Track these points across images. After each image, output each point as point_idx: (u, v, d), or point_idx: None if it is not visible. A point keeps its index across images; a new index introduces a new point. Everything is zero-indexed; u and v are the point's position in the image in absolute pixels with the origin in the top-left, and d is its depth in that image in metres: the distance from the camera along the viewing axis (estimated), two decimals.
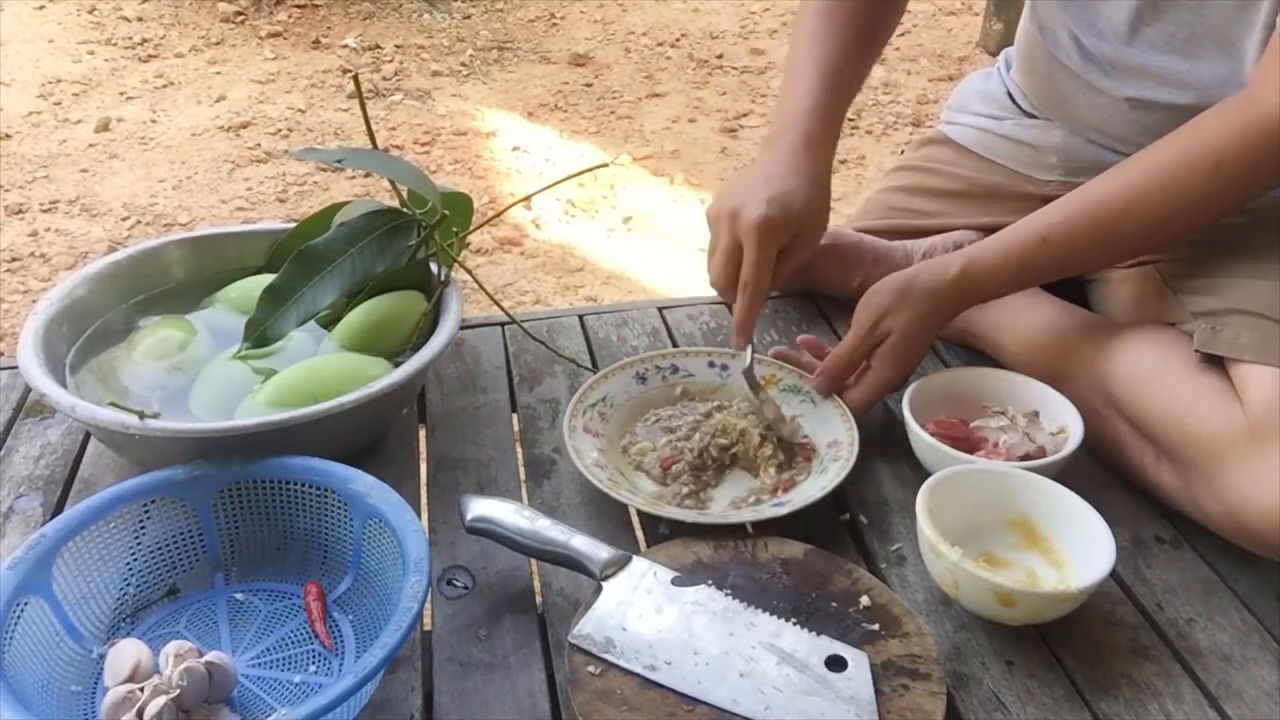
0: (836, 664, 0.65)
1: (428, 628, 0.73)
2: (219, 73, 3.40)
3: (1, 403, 0.95)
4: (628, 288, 2.33)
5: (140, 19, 3.78)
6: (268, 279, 0.86)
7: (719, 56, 3.63)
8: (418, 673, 0.69)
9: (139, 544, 0.73)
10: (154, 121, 3.05)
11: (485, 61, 3.56)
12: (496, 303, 1.07)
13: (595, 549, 0.72)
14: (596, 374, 0.93)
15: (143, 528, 0.73)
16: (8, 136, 2.91)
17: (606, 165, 1.44)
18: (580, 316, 1.10)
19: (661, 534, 0.80)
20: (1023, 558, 0.77)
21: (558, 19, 3.94)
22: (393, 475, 0.81)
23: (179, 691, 0.61)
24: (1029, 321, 0.97)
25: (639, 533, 0.81)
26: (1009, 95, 1.12)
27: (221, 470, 0.75)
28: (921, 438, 0.84)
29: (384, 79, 3.37)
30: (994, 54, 3.52)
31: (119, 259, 0.95)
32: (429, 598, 0.72)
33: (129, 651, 0.65)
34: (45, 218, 2.52)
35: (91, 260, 1.81)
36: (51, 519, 0.73)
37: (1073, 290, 1.03)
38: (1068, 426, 0.85)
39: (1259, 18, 0.85)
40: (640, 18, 3.97)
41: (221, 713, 0.64)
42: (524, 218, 2.56)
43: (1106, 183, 0.85)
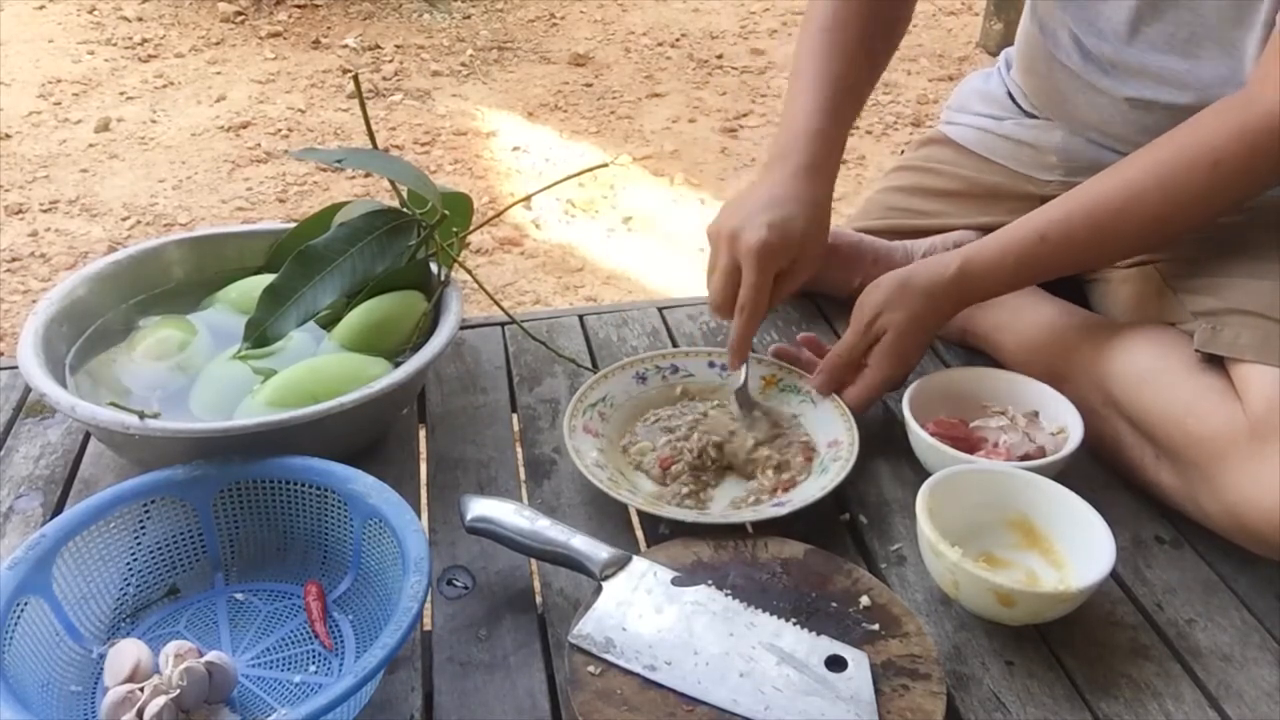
0: (836, 664, 0.65)
1: (428, 628, 0.73)
2: (219, 73, 3.40)
3: (1, 403, 0.95)
4: (628, 288, 2.33)
5: (140, 19, 3.78)
6: (268, 279, 0.86)
7: (719, 56, 3.63)
8: (418, 673, 0.69)
9: (139, 544, 0.73)
10: (154, 121, 3.05)
11: (485, 61, 3.56)
12: (496, 303, 1.07)
13: (595, 549, 0.72)
14: (596, 374, 0.93)
15: (143, 528, 0.73)
16: (8, 136, 2.92)
17: (606, 165, 1.44)
18: (580, 316, 1.10)
19: (661, 534, 0.80)
20: (1023, 558, 0.77)
21: (558, 19, 3.94)
22: (393, 475, 0.81)
23: (179, 691, 0.61)
24: (1029, 321, 0.97)
25: (639, 533, 0.81)
26: (1009, 95, 1.12)
27: (221, 470, 0.75)
28: (921, 438, 0.84)
29: (384, 79, 3.37)
30: (994, 54, 3.52)
31: (119, 259, 0.95)
32: (429, 598, 0.72)
33: (129, 651, 0.65)
34: (45, 218, 2.52)
35: (91, 260, 1.81)
36: (51, 519, 0.73)
37: (1073, 290, 1.03)
38: (1068, 426, 0.85)
39: (1259, 17, 0.85)
40: (640, 18, 3.97)
41: (221, 713, 0.64)
42: (524, 218, 2.56)
43: (1105, 181, 0.85)
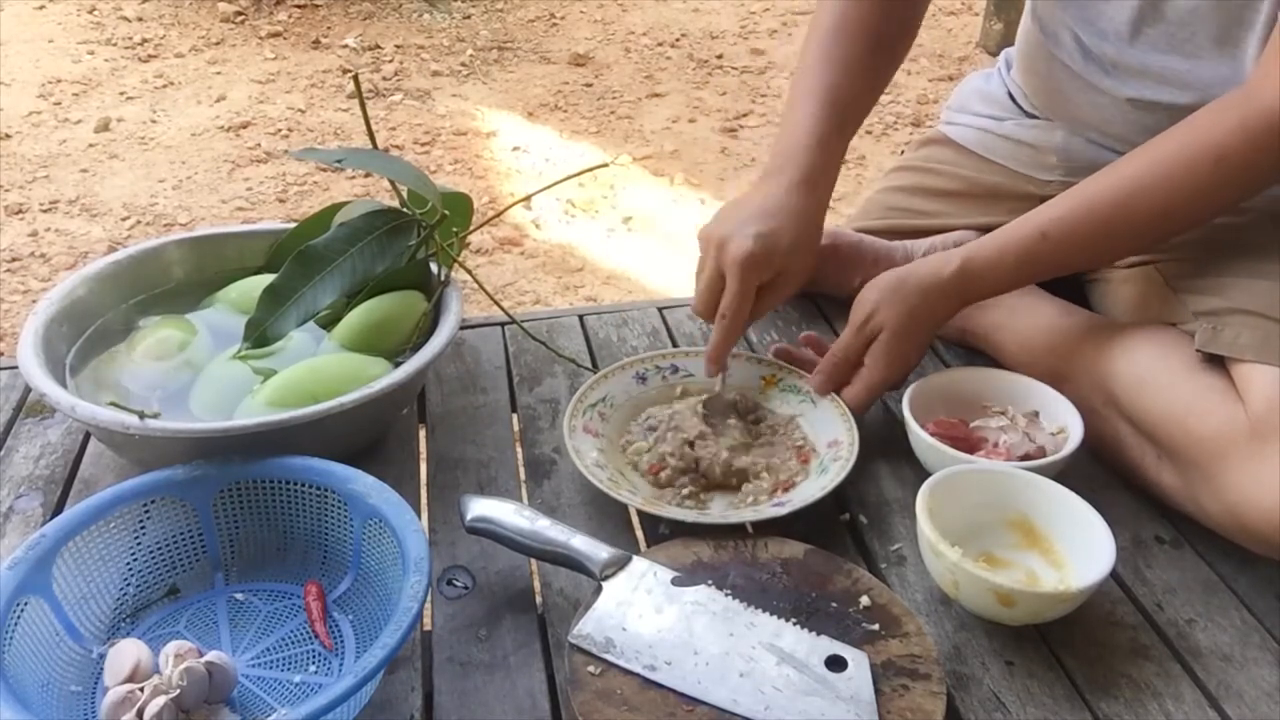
0: (836, 664, 0.65)
1: (428, 628, 0.73)
2: (219, 73, 3.40)
3: (1, 403, 0.95)
4: (628, 288, 2.33)
5: (140, 19, 3.78)
6: (268, 279, 0.86)
7: (719, 56, 3.63)
8: (418, 673, 0.69)
9: (139, 544, 0.73)
10: (154, 121, 3.05)
11: (485, 61, 3.56)
12: (496, 303, 1.07)
13: (595, 549, 0.72)
14: (596, 374, 0.93)
15: (143, 528, 0.73)
16: (8, 136, 2.91)
17: (606, 165, 1.44)
18: (580, 316, 1.10)
19: (661, 534, 0.80)
20: (1023, 558, 0.77)
21: (558, 19, 3.94)
22: (393, 475, 0.81)
23: (179, 691, 0.61)
24: (1029, 321, 0.97)
25: (639, 533, 0.81)
26: (1009, 95, 1.12)
27: (221, 470, 0.75)
28: (921, 438, 0.84)
29: (384, 79, 3.37)
30: (994, 54, 3.52)
31: (119, 259, 0.95)
32: (429, 598, 0.72)
33: (129, 651, 0.65)
34: (45, 218, 2.52)
35: (91, 260, 1.81)
36: (51, 519, 0.73)
37: (1073, 290, 1.03)
38: (1068, 426, 0.85)
39: (1260, 17, 0.85)
40: (640, 18, 3.97)
41: (221, 713, 0.64)
42: (524, 218, 2.56)
43: (1107, 178, 0.85)
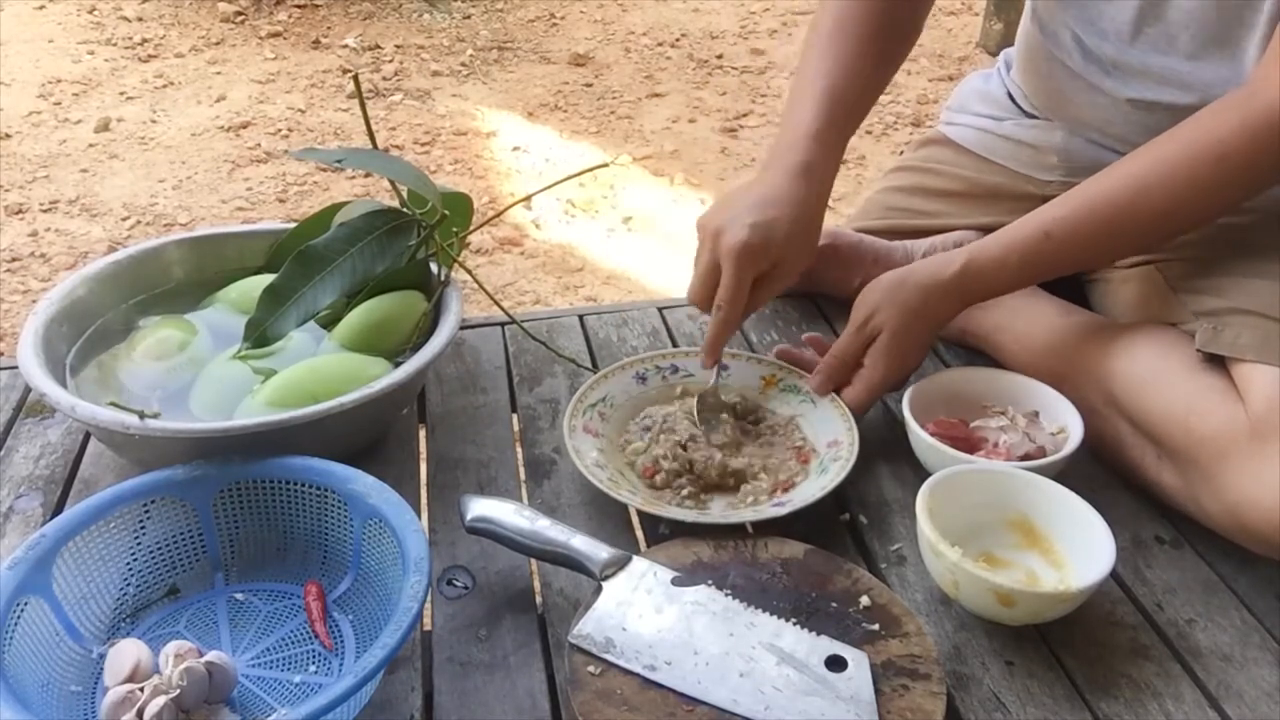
0: (836, 664, 0.65)
1: (428, 628, 0.73)
2: (219, 73, 3.40)
3: (1, 403, 0.95)
4: (628, 288, 2.33)
5: (140, 19, 3.78)
6: (268, 279, 0.86)
7: (719, 56, 3.63)
8: (418, 673, 0.69)
9: (139, 544, 0.73)
10: (154, 121, 3.05)
11: (485, 61, 3.56)
12: (496, 303, 1.07)
13: (595, 549, 0.72)
14: (596, 374, 0.93)
15: (143, 528, 0.73)
16: (8, 136, 2.91)
17: (606, 165, 1.44)
18: (580, 316, 1.10)
19: (661, 534, 0.80)
20: (1023, 558, 0.77)
21: (558, 19, 3.94)
22: (393, 475, 0.81)
23: (179, 691, 0.61)
24: (1029, 322, 0.97)
25: (639, 533, 0.81)
26: (1009, 95, 1.12)
27: (221, 470, 0.75)
28: (921, 438, 0.84)
29: (384, 79, 3.37)
30: (994, 54, 3.52)
31: (119, 259, 0.95)
32: (429, 598, 0.72)
33: (129, 651, 0.65)
34: (45, 218, 2.52)
35: (91, 260, 1.81)
36: (51, 519, 0.73)
37: (1073, 290, 1.03)
38: (1068, 426, 0.85)
39: (1261, 17, 0.85)
40: (640, 18, 3.97)
41: (221, 713, 0.64)
42: (524, 218, 2.56)
43: (1109, 178, 0.85)
